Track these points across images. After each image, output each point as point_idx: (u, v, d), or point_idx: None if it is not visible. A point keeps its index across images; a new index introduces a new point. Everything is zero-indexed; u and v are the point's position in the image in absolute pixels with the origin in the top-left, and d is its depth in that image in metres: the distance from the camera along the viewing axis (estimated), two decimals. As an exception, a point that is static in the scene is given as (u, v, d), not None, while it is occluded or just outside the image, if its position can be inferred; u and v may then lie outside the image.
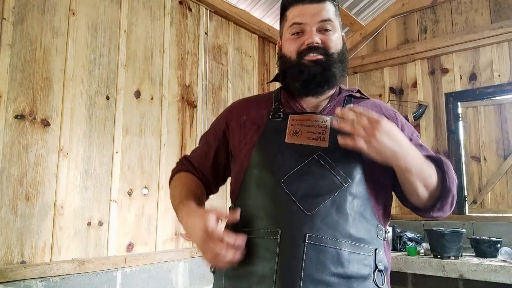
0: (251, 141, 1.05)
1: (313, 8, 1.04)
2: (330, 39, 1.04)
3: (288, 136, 1.01)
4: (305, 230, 0.90)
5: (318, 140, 0.99)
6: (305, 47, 1.03)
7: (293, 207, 0.92)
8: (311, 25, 1.03)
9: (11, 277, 1.55)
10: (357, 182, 0.95)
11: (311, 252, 0.89)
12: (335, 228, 0.91)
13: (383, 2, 3.58)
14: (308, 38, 1.02)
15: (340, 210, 0.92)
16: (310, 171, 0.95)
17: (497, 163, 3.07)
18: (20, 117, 1.73)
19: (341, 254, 0.90)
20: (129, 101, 2.17)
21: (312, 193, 0.93)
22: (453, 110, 3.28)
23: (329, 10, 1.05)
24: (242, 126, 1.11)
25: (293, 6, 1.06)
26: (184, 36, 2.53)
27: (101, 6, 2.09)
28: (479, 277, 2.39)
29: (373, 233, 0.96)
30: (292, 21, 1.05)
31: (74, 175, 1.89)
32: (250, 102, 1.19)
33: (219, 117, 1.22)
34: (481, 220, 3.02)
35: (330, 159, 0.96)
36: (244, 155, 1.05)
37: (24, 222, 1.69)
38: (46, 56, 1.84)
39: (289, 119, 1.04)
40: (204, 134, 1.24)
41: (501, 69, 3.10)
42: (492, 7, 3.20)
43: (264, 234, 0.93)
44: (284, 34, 1.09)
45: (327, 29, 1.04)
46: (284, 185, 0.94)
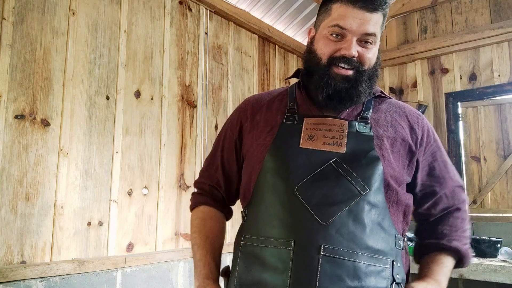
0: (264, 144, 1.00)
1: (363, 16, 0.93)
2: (367, 56, 0.97)
3: (303, 141, 0.96)
4: (320, 241, 0.85)
5: (335, 146, 0.94)
6: (339, 54, 0.95)
7: (307, 216, 0.87)
8: (354, 34, 0.94)
9: (11, 277, 1.55)
10: (375, 190, 0.91)
11: (326, 265, 0.84)
12: (351, 240, 0.86)
13: (383, 2, 3.57)
14: (346, 48, 0.94)
15: (357, 220, 0.88)
16: (325, 178, 0.91)
17: (497, 163, 3.07)
18: (20, 117, 1.73)
19: (358, 267, 0.85)
20: (129, 101, 2.17)
21: (327, 202, 0.88)
22: (453, 110, 3.28)
23: (377, 22, 0.95)
24: (255, 127, 1.06)
25: (342, 2, 0.95)
26: (184, 36, 2.53)
27: (101, 6, 2.09)
28: (479, 277, 2.39)
29: (391, 243, 0.92)
30: (336, 22, 0.94)
31: (74, 175, 1.89)
32: (264, 100, 1.12)
33: (232, 117, 1.16)
34: (481, 220, 3.02)
35: (347, 166, 0.91)
36: (257, 158, 1.00)
37: (24, 222, 1.69)
38: (46, 56, 1.84)
39: (304, 123, 0.99)
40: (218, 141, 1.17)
41: (501, 69, 3.10)
42: (492, 7, 3.20)
43: (277, 244, 0.88)
44: (322, 29, 0.99)
45: (368, 41, 0.96)
46: (298, 193, 0.90)
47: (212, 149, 1.19)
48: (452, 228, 1.05)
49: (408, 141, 1.01)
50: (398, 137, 1.00)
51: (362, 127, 0.98)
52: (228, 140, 1.13)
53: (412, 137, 1.02)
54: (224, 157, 1.13)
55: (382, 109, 1.05)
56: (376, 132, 0.98)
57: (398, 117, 1.04)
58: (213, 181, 1.15)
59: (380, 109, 1.05)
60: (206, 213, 1.13)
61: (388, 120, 1.03)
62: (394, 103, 1.09)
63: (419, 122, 1.05)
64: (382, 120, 1.02)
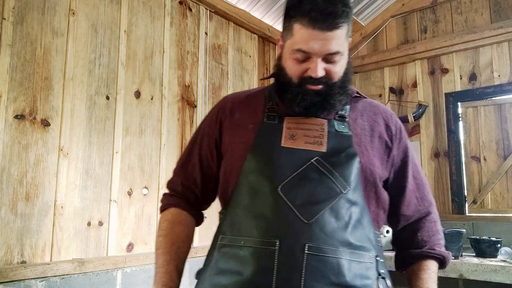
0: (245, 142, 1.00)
1: (324, 36, 0.90)
2: (335, 70, 0.96)
3: (285, 140, 0.97)
4: (305, 240, 0.86)
5: (316, 145, 0.96)
6: (307, 75, 0.95)
7: (291, 216, 0.88)
8: (318, 55, 0.93)
9: (11, 277, 1.55)
10: (355, 188, 0.93)
11: (311, 263, 0.85)
12: (334, 237, 0.88)
13: (383, 2, 3.58)
14: (312, 70, 0.94)
15: (338, 217, 0.89)
16: (308, 177, 0.92)
17: (497, 163, 3.07)
18: (20, 117, 1.73)
19: (341, 263, 0.87)
20: (129, 101, 2.17)
21: (310, 201, 0.89)
22: (453, 110, 3.28)
23: (340, 38, 0.92)
24: (235, 124, 1.06)
25: (302, 24, 0.91)
26: (184, 36, 2.53)
27: (101, 6, 2.09)
28: (479, 277, 2.39)
29: (372, 239, 0.94)
30: (299, 47, 0.93)
31: (74, 175, 1.89)
32: (243, 98, 1.12)
33: (210, 115, 1.14)
34: (481, 220, 3.02)
35: (329, 164, 0.93)
36: (238, 157, 0.99)
37: (24, 222, 1.69)
38: (46, 56, 1.84)
39: (285, 122, 1.00)
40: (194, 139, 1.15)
41: (501, 69, 3.10)
42: (492, 7, 3.20)
43: (261, 244, 0.88)
44: (287, 48, 0.98)
45: (334, 59, 0.95)
46: (282, 192, 0.90)
47: (188, 147, 1.16)
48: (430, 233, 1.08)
49: (384, 137, 1.04)
50: (375, 134, 1.03)
51: (341, 126, 1.00)
52: (207, 138, 1.11)
53: (387, 133, 1.05)
54: (202, 155, 1.11)
55: (359, 108, 1.07)
56: (354, 130, 1.01)
57: (373, 115, 1.07)
58: (189, 179, 1.11)
59: (356, 108, 1.07)
60: (176, 216, 1.10)
61: (364, 118, 1.05)
62: (369, 102, 1.11)
63: (393, 120, 1.08)
64: (359, 119, 1.04)
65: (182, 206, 1.11)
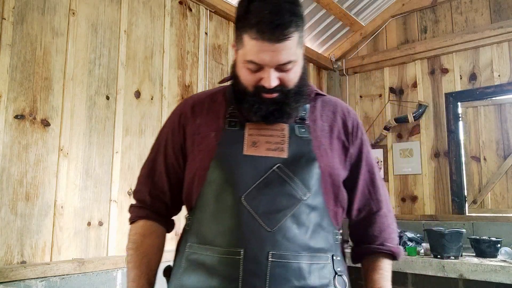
0: (208, 151, 1.00)
1: (273, 48, 0.89)
2: (288, 78, 0.96)
3: (247, 148, 0.98)
4: (268, 248, 0.89)
5: (277, 151, 0.97)
6: (261, 85, 0.95)
7: (255, 225, 0.90)
8: (270, 66, 0.92)
9: (11, 277, 1.55)
10: (315, 193, 0.95)
11: (274, 269, 0.88)
12: (295, 243, 0.91)
13: (383, 2, 3.58)
14: (265, 80, 0.93)
15: (299, 224, 0.92)
16: (270, 184, 0.93)
17: (497, 163, 3.07)
18: (20, 117, 1.73)
19: (302, 267, 0.91)
20: (129, 101, 2.17)
21: (273, 209, 0.91)
22: (453, 110, 3.28)
23: (290, 48, 0.92)
24: (197, 132, 1.05)
25: (250, 36, 0.90)
26: (184, 36, 2.53)
27: (101, 6, 2.09)
28: (479, 277, 2.39)
29: (330, 240, 0.98)
30: (250, 59, 0.92)
31: (74, 175, 1.89)
32: (204, 101, 1.10)
33: (172, 122, 1.12)
34: (481, 220, 3.02)
35: (290, 171, 0.95)
36: (200, 166, 1.00)
37: (24, 222, 1.69)
38: (46, 56, 1.84)
39: (246, 128, 1.00)
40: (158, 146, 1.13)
41: (501, 69, 3.10)
42: (492, 7, 3.20)
43: (226, 253, 0.90)
44: (240, 57, 0.97)
45: (287, 68, 0.94)
46: (245, 201, 0.92)
47: (151, 155, 1.14)
48: (381, 228, 1.09)
49: (342, 138, 1.06)
50: (334, 135, 1.05)
51: (301, 130, 1.02)
52: (172, 145, 1.09)
53: (345, 132, 1.07)
54: (168, 163, 1.10)
55: (318, 108, 1.08)
56: (314, 133, 1.02)
57: (331, 114, 1.09)
58: (156, 189, 1.10)
59: (316, 108, 1.08)
60: (146, 228, 1.09)
61: (324, 118, 1.07)
62: (327, 100, 1.12)
63: (350, 117, 1.10)
64: (319, 120, 1.06)
65: (152, 217, 1.10)
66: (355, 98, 3.84)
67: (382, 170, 3.59)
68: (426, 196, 3.33)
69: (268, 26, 0.88)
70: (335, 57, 3.87)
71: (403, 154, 3.49)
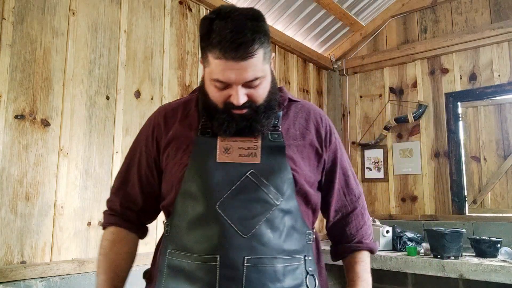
0: (182, 161, 1.01)
1: (238, 66, 0.90)
2: (257, 94, 0.97)
3: (220, 155, 0.99)
4: (244, 253, 0.91)
5: (250, 157, 0.99)
6: (230, 102, 0.95)
7: (230, 232, 0.92)
8: (236, 84, 0.93)
9: (11, 277, 1.55)
10: (288, 197, 0.98)
11: (250, 274, 0.91)
12: (270, 247, 0.94)
13: (383, 2, 3.58)
14: (233, 98, 0.94)
15: (273, 228, 0.95)
16: (244, 191, 0.95)
17: (497, 163, 3.07)
18: (20, 117, 1.73)
19: (277, 270, 0.93)
20: (129, 101, 2.17)
21: (247, 215, 0.94)
22: (453, 110, 3.28)
23: (256, 65, 0.92)
24: (171, 142, 1.06)
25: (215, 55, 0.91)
26: (184, 36, 2.53)
27: (101, 6, 2.09)
28: (479, 277, 2.39)
29: (303, 241, 1.01)
30: (216, 77, 0.93)
31: (74, 175, 1.89)
32: (175, 113, 1.11)
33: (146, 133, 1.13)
34: (481, 220, 3.02)
35: (263, 176, 0.97)
36: (175, 177, 1.01)
37: (24, 222, 1.69)
38: (46, 56, 1.84)
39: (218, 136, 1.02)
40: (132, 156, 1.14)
41: (501, 69, 3.10)
42: (492, 7, 3.20)
43: (203, 260, 0.93)
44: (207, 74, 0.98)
45: (255, 84, 0.95)
46: (220, 209, 0.94)
47: (124, 166, 1.15)
48: (358, 227, 1.15)
49: (315, 145, 1.08)
50: (306, 142, 1.07)
51: (274, 136, 1.03)
52: (146, 156, 1.11)
53: (318, 139, 1.09)
54: (142, 174, 1.11)
55: (291, 116, 1.10)
56: (287, 141, 1.04)
57: (304, 121, 1.10)
58: (128, 200, 1.12)
59: (289, 116, 1.09)
60: (116, 235, 1.11)
61: (296, 127, 1.08)
62: (300, 107, 1.13)
63: (323, 124, 1.12)
64: (292, 128, 1.08)
65: (122, 225, 1.12)
66: (355, 98, 3.84)
67: (382, 170, 3.59)
68: (426, 196, 3.33)
69: (231, 45, 0.88)
70: (335, 57, 3.87)
71: (403, 154, 3.49)
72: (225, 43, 0.88)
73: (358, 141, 3.76)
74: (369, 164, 3.68)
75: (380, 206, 3.58)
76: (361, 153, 3.74)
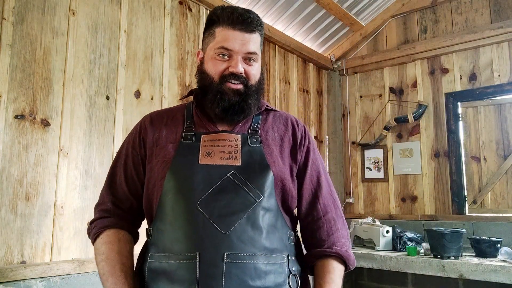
0: (164, 164, 1.04)
1: (243, 37, 1.05)
2: (252, 72, 1.08)
3: (202, 158, 1.03)
4: (223, 249, 0.92)
5: (231, 159, 1.02)
6: (228, 72, 1.05)
7: (210, 228, 0.94)
8: (238, 53, 1.05)
9: (11, 277, 1.55)
10: (268, 196, 1.00)
11: (230, 270, 0.91)
12: (251, 244, 0.95)
13: (383, 2, 3.58)
14: (233, 66, 1.05)
15: (254, 225, 0.96)
16: (224, 190, 0.98)
17: (497, 163, 3.07)
18: (20, 117, 1.73)
19: (258, 267, 0.94)
20: (129, 101, 2.17)
21: (227, 212, 0.95)
22: (453, 110, 3.28)
23: (256, 42, 1.07)
24: (155, 145, 1.10)
25: (224, 26, 1.06)
26: (184, 36, 2.53)
27: (101, 6, 2.09)
28: (479, 277, 2.39)
29: (285, 240, 1.02)
30: (221, 45, 1.05)
31: (74, 175, 1.89)
32: (163, 117, 1.16)
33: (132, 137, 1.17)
34: (481, 220, 3.02)
35: (243, 177, 1.00)
36: (157, 177, 1.03)
37: (24, 222, 1.69)
38: (46, 56, 1.84)
39: (201, 140, 1.06)
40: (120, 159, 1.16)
41: (501, 69, 3.10)
42: (492, 7, 3.20)
43: (183, 258, 0.93)
44: (209, 51, 1.09)
45: (251, 59, 1.07)
46: (200, 207, 0.95)
47: (112, 169, 1.17)
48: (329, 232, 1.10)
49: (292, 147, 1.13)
50: (285, 144, 1.12)
51: (253, 140, 1.08)
52: (132, 159, 1.13)
53: (294, 141, 1.14)
54: (128, 176, 1.12)
55: (269, 121, 1.16)
56: (266, 142, 1.09)
57: (282, 126, 1.16)
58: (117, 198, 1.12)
59: (267, 121, 1.15)
60: (113, 236, 1.08)
61: (275, 130, 1.14)
62: (279, 115, 1.19)
63: (299, 128, 1.18)
64: (270, 131, 1.13)
65: (117, 224, 1.10)
66: (355, 98, 3.84)
67: (382, 170, 3.59)
68: (426, 196, 3.33)
69: (240, 17, 1.05)
70: (335, 57, 3.87)
71: (403, 154, 3.49)
72: (236, 15, 1.05)
73: (358, 141, 3.76)
74: (369, 164, 3.68)
75: (380, 206, 3.58)
76: (361, 153, 3.74)
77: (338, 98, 3.94)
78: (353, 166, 3.78)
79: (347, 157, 3.82)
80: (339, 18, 3.44)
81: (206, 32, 1.12)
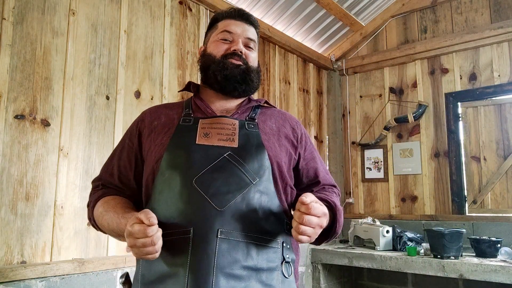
0: (162, 143, 1.06)
1: (243, 26, 1.17)
2: (251, 55, 1.17)
3: (199, 138, 1.04)
4: (217, 225, 0.93)
5: (228, 141, 1.04)
6: (230, 51, 1.13)
7: (205, 204, 0.95)
8: (239, 37, 1.16)
9: (11, 277, 1.55)
10: (265, 180, 1.02)
11: (223, 246, 0.92)
12: (245, 223, 0.96)
13: (383, 2, 3.58)
14: (235, 45, 1.14)
15: (249, 206, 0.97)
16: (221, 169, 0.99)
17: (497, 163, 3.07)
18: (20, 117, 1.73)
19: (251, 247, 0.95)
20: (129, 101, 2.17)
21: (223, 191, 0.96)
22: (453, 110, 3.28)
23: (254, 34, 1.19)
24: (153, 131, 1.12)
25: (226, 19, 1.18)
26: (184, 36, 2.53)
27: (101, 6, 2.09)
28: (479, 277, 2.39)
29: (280, 227, 1.03)
30: (224, 29, 1.16)
31: (74, 175, 1.89)
32: (161, 108, 1.20)
33: (131, 127, 1.21)
34: (481, 220, 3.02)
35: (240, 158, 1.01)
36: (155, 158, 1.05)
37: (24, 222, 1.69)
38: (46, 56, 1.84)
39: (199, 123, 1.08)
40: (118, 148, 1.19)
41: (501, 69, 3.10)
42: (492, 7, 3.20)
43: (178, 234, 0.94)
44: (212, 38, 1.19)
45: (250, 47, 1.17)
46: (196, 184, 0.96)
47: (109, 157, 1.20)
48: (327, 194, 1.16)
49: (290, 138, 1.16)
50: (282, 134, 1.15)
51: (251, 126, 1.10)
52: (127, 150, 1.16)
53: (294, 135, 1.18)
54: (120, 165, 1.15)
55: (267, 114, 1.19)
56: (263, 129, 1.12)
57: (281, 120, 1.20)
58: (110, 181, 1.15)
59: (266, 114, 1.19)
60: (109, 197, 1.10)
61: (273, 121, 1.17)
62: (277, 111, 1.23)
63: (298, 126, 1.22)
64: (268, 121, 1.16)
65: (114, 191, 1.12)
66: (355, 98, 3.84)
67: (382, 170, 3.59)
68: (426, 196, 3.33)
69: (239, 13, 1.19)
70: (335, 57, 3.87)
71: (403, 154, 3.49)
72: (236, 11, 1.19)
73: (358, 141, 3.76)
74: (369, 164, 3.68)
75: (380, 206, 3.58)
76: (361, 153, 3.74)
77: (338, 98, 3.94)
78: (353, 166, 3.78)
79: (347, 157, 3.82)
80: (339, 18, 3.44)
81: (209, 29, 1.23)
